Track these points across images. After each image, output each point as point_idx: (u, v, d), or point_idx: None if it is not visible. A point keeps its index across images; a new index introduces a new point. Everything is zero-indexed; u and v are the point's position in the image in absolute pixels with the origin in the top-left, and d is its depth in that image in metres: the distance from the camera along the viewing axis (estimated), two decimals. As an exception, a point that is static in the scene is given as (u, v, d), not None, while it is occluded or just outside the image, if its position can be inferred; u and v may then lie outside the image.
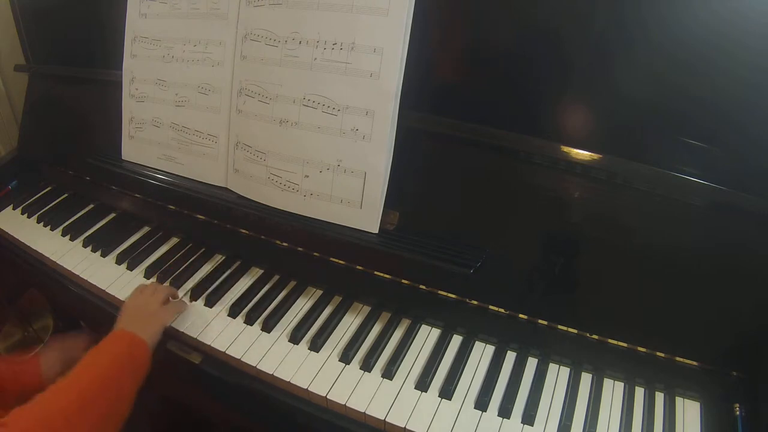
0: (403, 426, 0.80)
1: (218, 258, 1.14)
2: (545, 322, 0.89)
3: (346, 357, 0.90)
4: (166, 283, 1.08)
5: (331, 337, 0.95)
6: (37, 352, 1.03)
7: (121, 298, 1.05)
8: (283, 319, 0.99)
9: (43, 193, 1.41)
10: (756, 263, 0.77)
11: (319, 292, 1.04)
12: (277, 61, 0.96)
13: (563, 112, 0.86)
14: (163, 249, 1.18)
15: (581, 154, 0.82)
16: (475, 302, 0.93)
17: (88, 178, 1.34)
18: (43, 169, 1.46)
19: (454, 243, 0.90)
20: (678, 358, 0.83)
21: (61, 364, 1.01)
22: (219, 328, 0.97)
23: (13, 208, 1.36)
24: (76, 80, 1.36)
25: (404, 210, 0.94)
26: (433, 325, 0.97)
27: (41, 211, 1.33)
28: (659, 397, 0.84)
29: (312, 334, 0.95)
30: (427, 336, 0.95)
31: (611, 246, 0.83)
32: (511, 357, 0.91)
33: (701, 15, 0.74)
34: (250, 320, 0.98)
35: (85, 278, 1.11)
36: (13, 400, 0.95)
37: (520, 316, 0.90)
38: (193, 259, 1.14)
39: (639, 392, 0.85)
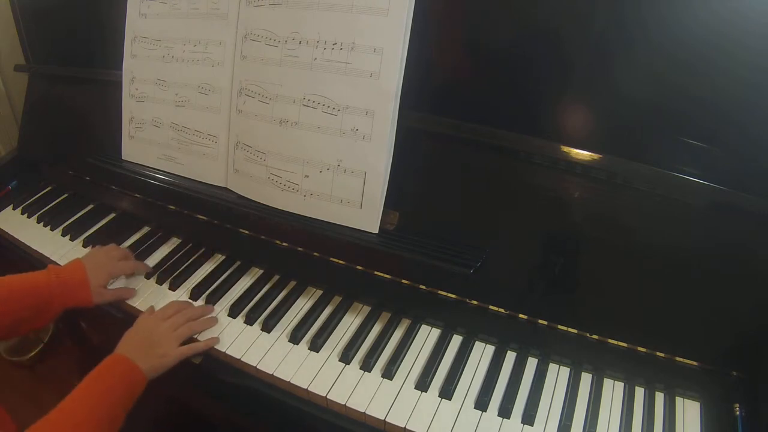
0: (403, 426, 0.80)
1: (218, 258, 1.14)
2: (545, 322, 0.89)
3: (346, 357, 0.90)
4: (166, 284, 1.07)
5: (331, 337, 0.95)
6: (81, 260, 1.03)
7: (121, 298, 1.05)
8: (283, 319, 0.99)
9: (43, 193, 1.41)
10: (756, 263, 0.77)
11: (319, 292, 1.04)
12: (277, 61, 0.96)
13: (563, 112, 0.86)
14: (162, 249, 1.18)
15: (581, 154, 0.82)
16: (475, 302, 0.93)
17: (88, 178, 1.34)
18: (43, 169, 1.46)
19: (454, 243, 0.90)
20: (678, 358, 0.83)
21: (105, 272, 1.02)
22: (219, 329, 0.97)
23: (13, 208, 1.36)
24: (76, 80, 1.36)
25: (404, 210, 0.94)
26: (433, 325, 0.97)
27: (41, 211, 1.32)
28: (659, 397, 0.84)
29: (312, 334, 0.95)
30: (427, 336, 0.95)
31: (611, 246, 0.83)
32: (511, 357, 0.91)
33: (701, 15, 0.74)
34: (250, 320, 0.98)
35: (85, 278, 1.11)
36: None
37: (520, 316, 0.90)
38: (192, 259, 1.14)
39: (639, 392, 0.85)
